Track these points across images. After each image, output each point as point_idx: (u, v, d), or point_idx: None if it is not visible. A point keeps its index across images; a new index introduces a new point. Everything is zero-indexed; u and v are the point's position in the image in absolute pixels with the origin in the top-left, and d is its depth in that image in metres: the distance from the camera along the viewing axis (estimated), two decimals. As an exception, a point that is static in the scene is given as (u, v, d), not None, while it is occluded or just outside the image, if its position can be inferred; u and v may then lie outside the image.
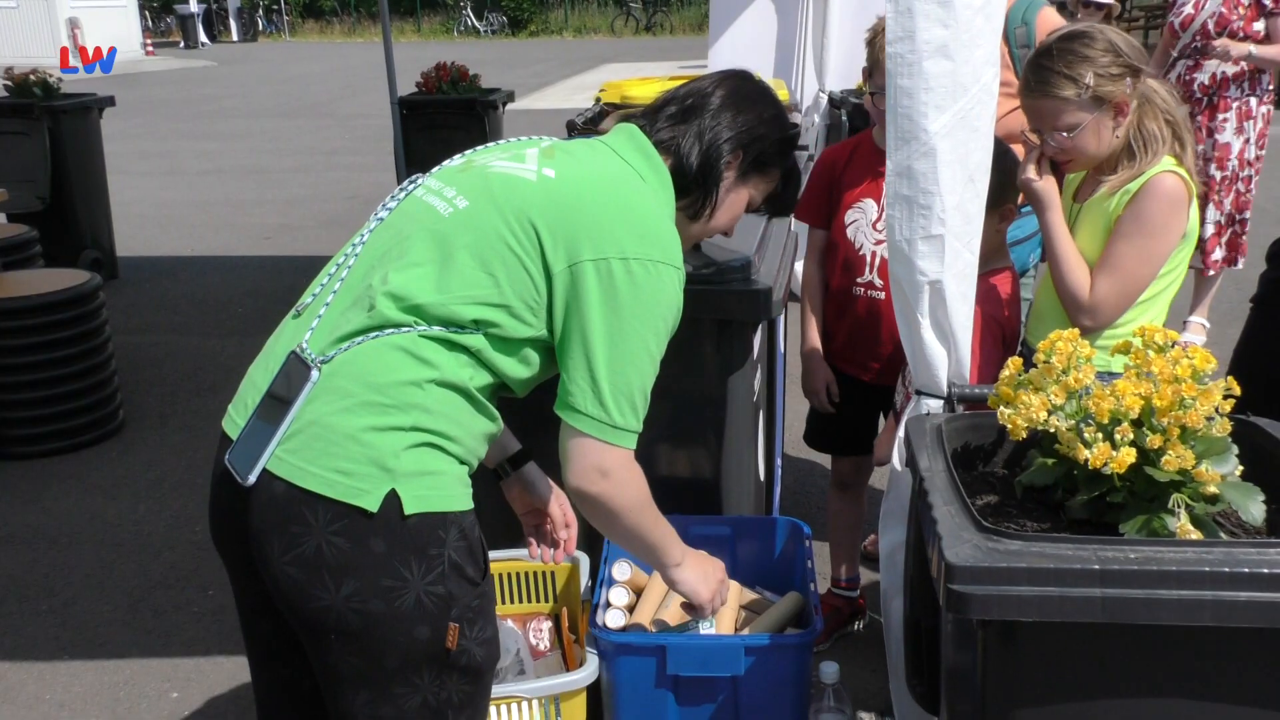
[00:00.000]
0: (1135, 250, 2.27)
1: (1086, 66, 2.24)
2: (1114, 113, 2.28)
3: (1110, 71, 2.24)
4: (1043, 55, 2.32)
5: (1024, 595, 1.44)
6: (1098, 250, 2.32)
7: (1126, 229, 2.27)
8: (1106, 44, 2.26)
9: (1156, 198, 2.25)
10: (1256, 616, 1.40)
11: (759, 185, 2.01)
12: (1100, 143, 2.30)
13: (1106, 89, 2.24)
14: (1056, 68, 2.27)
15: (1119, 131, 2.29)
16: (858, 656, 3.11)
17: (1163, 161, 2.28)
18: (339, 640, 1.65)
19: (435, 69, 7.57)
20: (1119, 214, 2.28)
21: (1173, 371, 1.58)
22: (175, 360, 5.85)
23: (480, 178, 1.81)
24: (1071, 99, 2.26)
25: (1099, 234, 2.32)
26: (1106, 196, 2.31)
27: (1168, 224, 2.27)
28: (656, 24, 31.78)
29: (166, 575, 3.73)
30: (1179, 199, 2.26)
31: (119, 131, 13.31)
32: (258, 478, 1.64)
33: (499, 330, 1.73)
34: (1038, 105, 2.33)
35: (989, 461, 1.92)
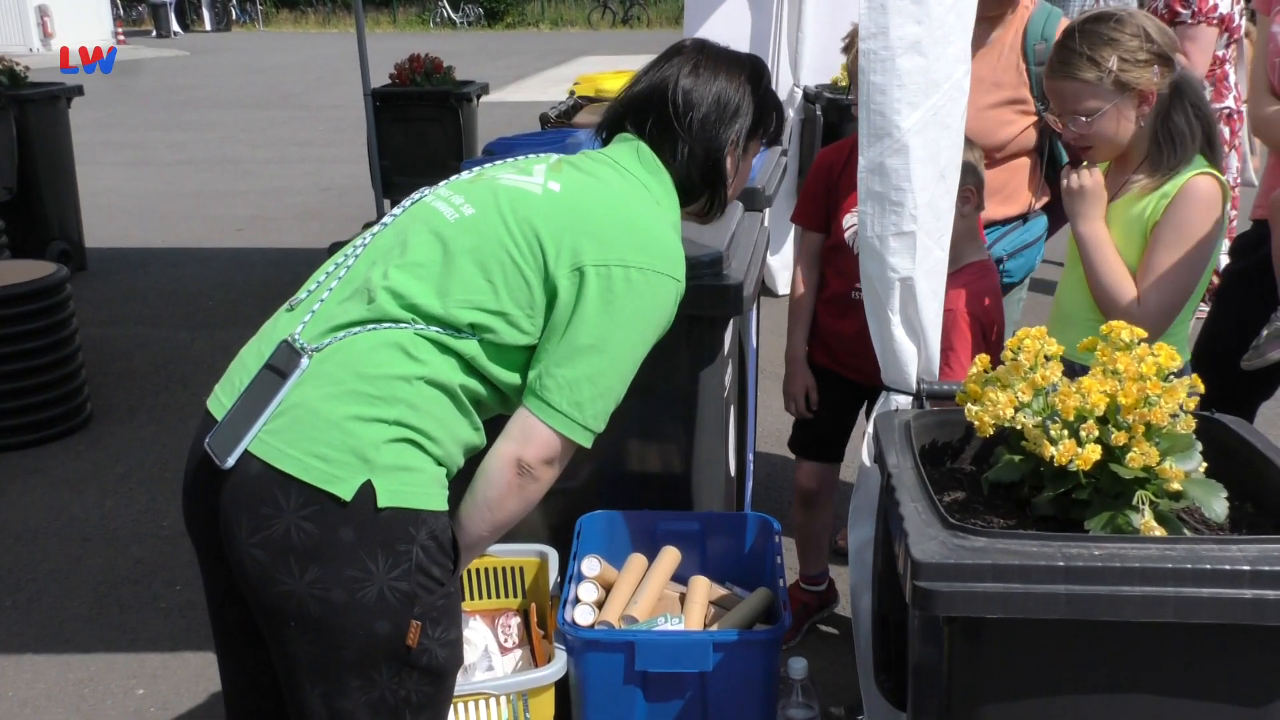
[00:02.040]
0: (1181, 258, 2.24)
1: (1111, 50, 2.22)
2: (1138, 101, 2.25)
3: (1137, 57, 2.21)
4: (1069, 36, 2.29)
5: (989, 592, 1.44)
6: (1133, 254, 2.29)
7: (1168, 238, 2.24)
8: (1136, 29, 2.24)
9: (1195, 204, 2.23)
10: (1218, 613, 1.41)
11: (754, 143, 2.07)
12: (1120, 131, 2.27)
13: (1131, 75, 2.22)
14: (1080, 49, 2.24)
15: (1142, 122, 2.27)
16: (827, 652, 3.12)
17: (1195, 163, 2.26)
18: (298, 628, 1.65)
19: (409, 61, 7.54)
20: (1155, 220, 2.26)
21: (1138, 369, 1.59)
22: (144, 353, 5.80)
23: (489, 189, 1.84)
24: (1092, 82, 2.24)
25: (1135, 238, 2.29)
26: (1138, 198, 2.29)
27: (1208, 230, 2.24)
28: (633, 17, 31.71)
29: (133, 570, 3.70)
30: (1216, 202, 2.24)
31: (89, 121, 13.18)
32: (236, 460, 1.64)
33: (494, 337, 1.74)
34: (1059, 86, 2.31)
35: (957, 458, 1.92)
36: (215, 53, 25.78)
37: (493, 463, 1.77)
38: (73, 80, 7.35)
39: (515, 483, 1.76)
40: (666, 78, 1.98)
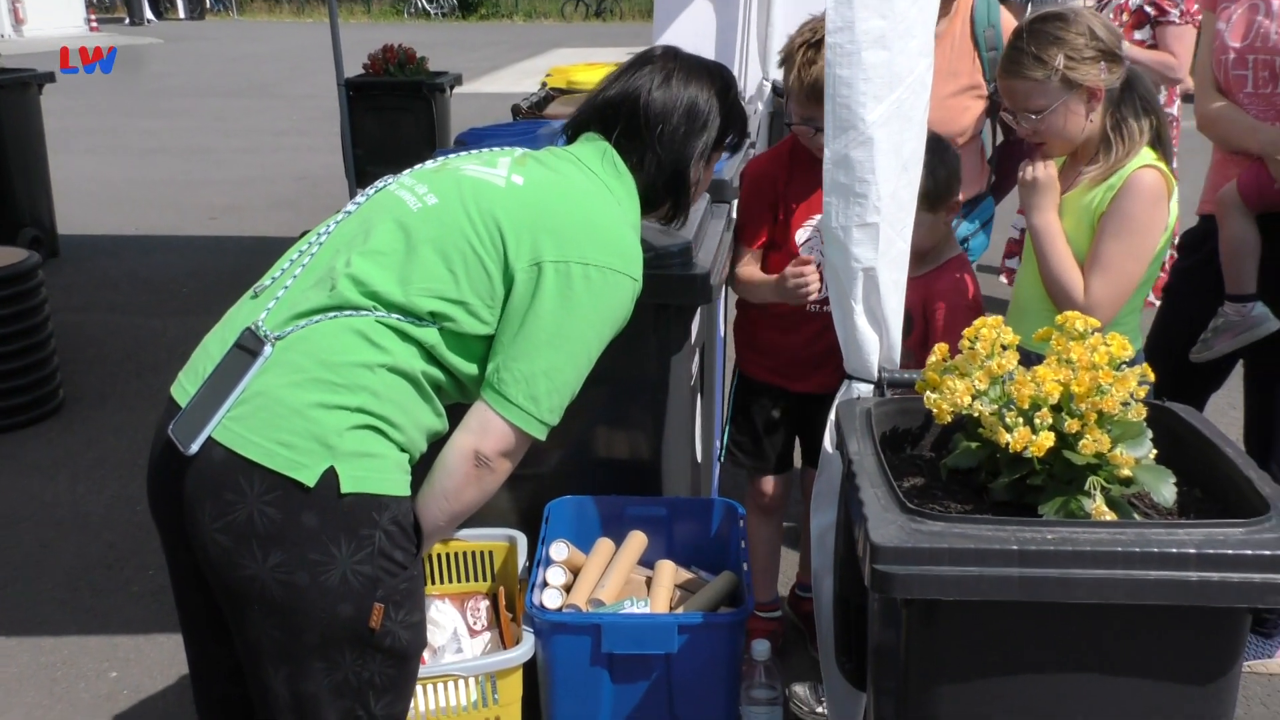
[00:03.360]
0: (1125, 249, 2.27)
1: (1058, 49, 2.24)
2: (1087, 97, 2.28)
3: (1083, 55, 2.24)
4: (1017, 36, 2.32)
5: (945, 575, 1.46)
6: (1082, 244, 2.32)
7: (1113, 227, 2.27)
8: (1082, 27, 2.26)
9: (1139, 195, 2.26)
10: (1166, 594, 1.43)
11: (718, 152, 2.10)
12: (1070, 126, 2.30)
13: (1077, 72, 2.24)
14: (1029, 48, 2.27)
15: (1093, 117, 2.29)
16: (789, 635, 3.15)
17: (1141, 155, 2.29)
18: (261, 611, 1.65)
19: (382, 51, 7.51)
20: (1103, 210, 2.29)
21: (1091, 359, 1.61)
22: (116, 339, 5.75)
23: (452, 179, 1.85)
24: (1041, 80, 2.27)
25: (1083, 229, 2.32)
26: (1087, 190, 2.32)
27: (1153, 220, 2.28)
28: (606, 10, 31.64)
29: (105, 555, 3.68)
30: (1160, 194, 2.27)
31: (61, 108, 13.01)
32: (200, 447, 1.63)
33: (453, 325, 1.75)
34: (1010, 85, 2.34)
35: (916, 445, 1.94)
36: (189, 40, 25.53)
37: (451, 454, 1.78)
38: (43, 68, 7.26)
39: (473, 474, 1.78)
40: (638, 87, 1.99)
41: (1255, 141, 2.74)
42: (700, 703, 2.16)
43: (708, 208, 2.77)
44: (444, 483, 1.80)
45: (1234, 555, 1.42)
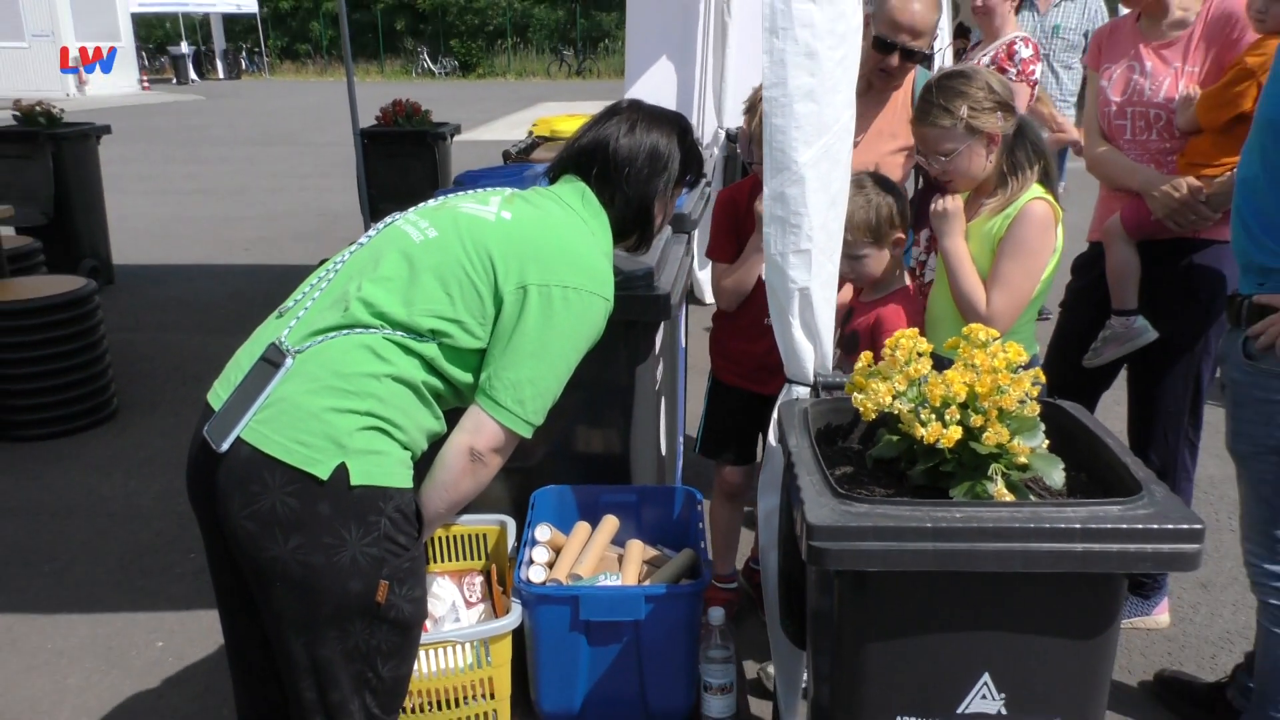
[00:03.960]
0: (1019, 268, 2.28)
1: (961, 101, 2.26)
2: (986, 141, 2.29)
3: (983, 106, 2.26)
4: (927, 90, 2.34)
5: (871, 549, 1.46)
6: (986, 264, 2.33)
7: (1009, 250, 2.28)
8: (981, 82, 2.29)
9: (1031, 222, 2.27)
10: (1055, 563, 1.43)
11: (678, 189, 2.10)
12: (974, 167, 2.31)
13: (978, 120, 2.26)
14: (937, 101, 2.29)
15: (991, 158, 2.31)
16: (744, 604, 3.14)
17: (1032, 189, 2.30)
18: (283, 587, 1.64)
19: (393, 105, 7.48)
20: (1001, 235, 2.29)
21: (991, 363, 1.61)
22: (164, 355, 5.69)
23: (450, 216, 1.84)
24: (948, 128, 2.28)
25: (985, 251, 2.33)
26: (988, 219, 2.33)
27: (1043, 243, 2.29)
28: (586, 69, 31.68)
29: (154, 541, 3.63)
30: (1049, 221, 2.29)
31: (117, 156, 12.92)
32: (230, 446, 1.62)
33: (451, 340, 1.74)
34: (922, 132, 2.35)
35: (847, 438, 1.94)
36: (227, 97, 25.38)
37: (449, 451, 1.78)
38: (101, 121, 7.20)
39: (468, 468, 1.77)
40: (608, 135, 2.00)
41: (1135, 181, 2.75)
42: (665, 661, 2.15)
43: (669, 238, 2.77)
44: (443, 476, 1.79)
45: (1112, 529, 1.42)
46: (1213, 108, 2.56)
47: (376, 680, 1.73)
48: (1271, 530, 2.13)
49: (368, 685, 1.73)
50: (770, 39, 1.82)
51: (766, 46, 1.82)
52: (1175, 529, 1.42)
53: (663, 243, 2.64)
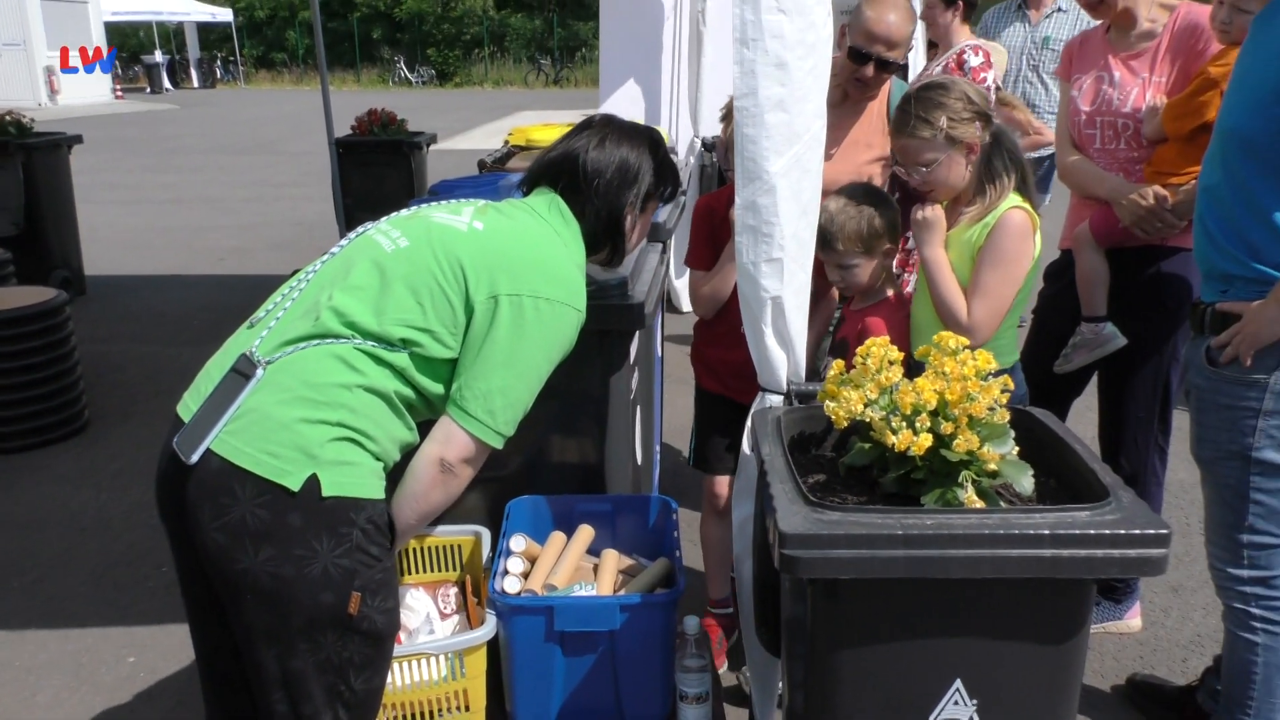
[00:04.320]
0: (999, 276, 2.29)
1: (941, 112, 2.28)
2: (966, 151, 2.31)
3: (961, 116, 2.28)
4: (906, 102, 2.35)
5: (842, 557, 1.46)
6: (964, 272, 2.35)
7: (989, 258, 2.30)
8: (960, 93, 2.30)
9: (1009, 231, 2.29)
10: (1024, 569, 1.44)
11: (652, 203, 2.09)
12: (953, 176, 2.33)
13: (958, 131, 2.28)
14: (916, 112, 2.31)
15: (970, 167, 2.33)
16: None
17: (1010, 198, 2.32)
18: (254, 599, 1.63)
19: (368, 114, 7.46)
20: (980, 244, 2.31)
21: (961, 371, 1.63)
22: (137, 366, 5.65)
23: (423, 225, 1.84)
24: (928, 139, 2.30)
25: (965, 260, 2.35)
26: (967, 228, 2.34)
27: (1022, 251, 2.31)
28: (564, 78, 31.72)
29: (126, 554, 3.60)
30: (1027, 230, 2.30)
31: (89, 166, 12.81)
32: (200, 457, 1.61)
33: (422, 350, 1.73)
34: (902, 144, 2.36)
35: (820, 446, 1.95)
36: (202, 106, 25.24)
37: (420, 462, 1.77)
38: (74, 130, 7.15)
39: (439, 479, 1.77)
40: (578, 148, 2.00)
41: (1103, 189, 2.79)
42: (640, 671, 2.15)
43: (643, 247, 2.77)
44: (414, 486, 1.78)
45: (1080, 534, 1.43)
46: (1178, 117, 2.59)
47: (349, 693, 1.72)
48: (1235, 534, 2.15)
49: (340, 698, 1.72)
50: (740, 49, 1.83)
51: (737, 57, 1.83)
52: (1142, 534, 1.44)
53: (637, 252, 2.64)
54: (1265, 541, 2.13)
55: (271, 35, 36.17)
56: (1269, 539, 2.12)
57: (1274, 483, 2.08)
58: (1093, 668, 2.90)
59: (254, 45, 36.24)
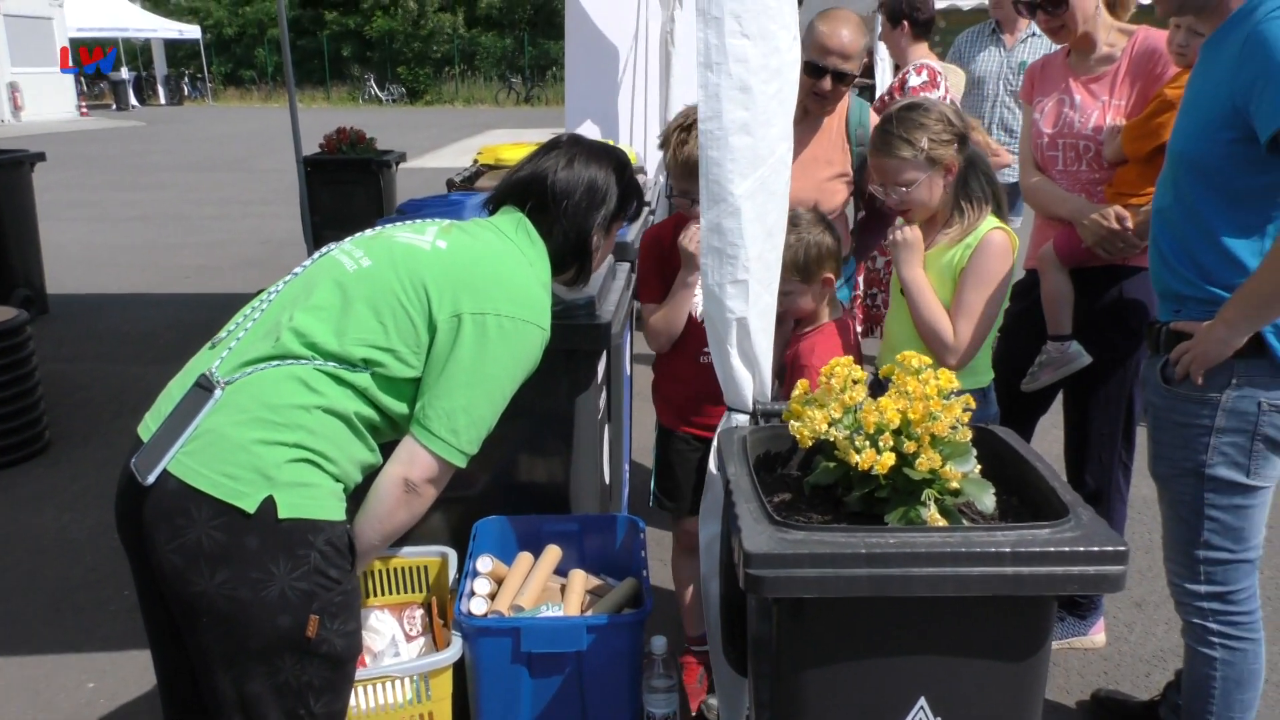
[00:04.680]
0: (983, 296, 2.31)
1: (921, 133, 2.30)
2: (944, 172, 2.33)
3: (941, 138, 2.30)
4: (887, 121, 2.36)
5: (807, 576, 1.47)
6: (944, 293, 2.36)
7: (972, 279, 2.31)
8: (939, 114, 2.33)
9: (992, 253, 2.31)
10: (986, 587, 1.46)
11: (617, 224, 2.11)
12: (932, 196, 2.35)
13: (938, 152, 2.30)
14: (897, 132, 2.32)
15: (947, 188, 2.35)
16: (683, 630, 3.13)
17: (988, 219, 2.35)
18: (210, 622, 1.62)
19: (336, 133, 7.45)
20: (961, 266, 2.32)
21: (923, 390, 1.65)
22: (100, 385, 5.58)
23: (385, 244, 1.84)
24: (908, 159, 2.31)
25: (945, 282, 2.36)
26: (947, 249, 2.36)
27: (1003, 271, 2.33)
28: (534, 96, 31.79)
29: (87, 577, 3.55)
30: (1008, 250, 2.33)
31: (53, 183, 12.69)
32: (156, 478, 1.60)
33: (384, 370, 1.73)
34: (881, 163, 2.37)
35: (785, 465, 1.96)
36: (169, 123, 25.06)
37: (383, 482, 1.77)
38: (37, 148, 7.08)
39: (403, 499, 1.77)
40: (546, 168, 2.01)
41: (1066, 210, 2.83)
42: (607, 692, 2.15)
43: (610, 267, 2.78)
44: (377, 507, 1.78)
45: (1040, 552, 1.45)
46: (1136, 138, 2.64)
47: (309, 717, 1.70)
48: (1191, 550, 2.18)
49: (300, 722, 1.70)
50: (705, 73, 1.84)
51: (701, 80, 1.85)
52: (1100, 551, 1.46)
53: (603, 273, 2.65)
54: (1221, 557, 2.16)
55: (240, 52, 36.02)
56: (1224, 554, 2.16)
57: (1228, 499, 2.12)
58: (1057, 683, 2.93)
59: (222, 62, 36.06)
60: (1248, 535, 2.14)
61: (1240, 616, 2.19)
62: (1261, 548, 2.18)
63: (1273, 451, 2.08)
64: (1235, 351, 2.02)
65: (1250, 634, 2.20)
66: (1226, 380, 2.05)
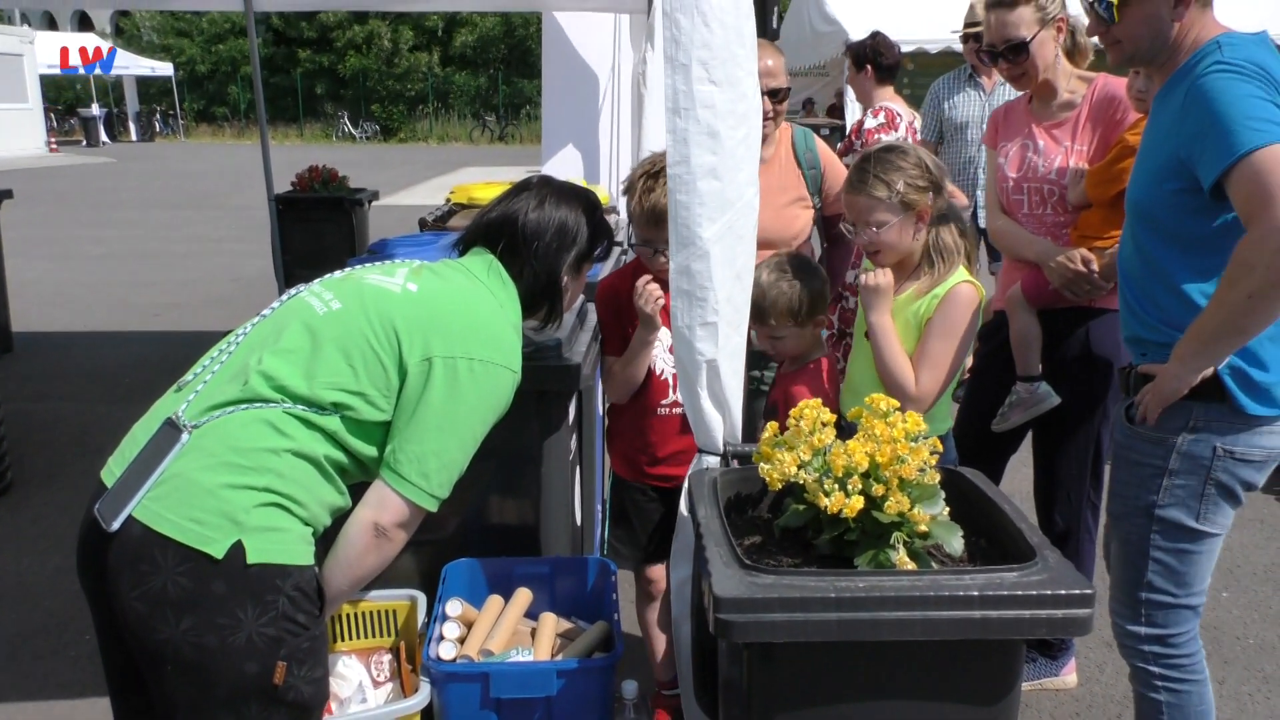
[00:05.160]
0: (948, 348, 2.32)
1: (899, 175, 2.30)
2: (916, 218, 2.33)
3: (918, 184, 2.30)
4: (865, 160, 2.36)
5: (776, 621, 1.48)
6: (909, 341, 2.36)
7: (939, 330, 2.32)
8: (917, 159, 2.33)
9: (959, 305, 2.31)
10: (955, 630, 1.47)
11: (587, 264, 2.12)
12: (902, 241, 2.34)
13: (912, 197, 2.30)
14: (874, 171, 2.32)
15: (919, 235, 2.34)
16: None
17: (958, 272, 2.35)
18: (175, 670, 1.59)
19: (309, 170, 7.45)
20: (929, 316, 2.32)
21: (891, 434, 1.66)
22: (65, 425, 5.51)
23: (355, 287, 1.84)
24: (883, 200, 2.31)
25: (910, 330, 2.36)
26: (915, 298, 2.36)
27: (969, 324, 2.33)
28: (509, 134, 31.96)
29: (46, 622, 3.48)
30: (974, 303, 2.33)
31: (20, 219, 12.57)
32: (121, 524, 1.58)
33: (354, 414, 1.73)
34: (855, 201, 2.37)
35: (756, 507, 1.96)
36: (140, 160, 24.95)
37: (353, 527, 1.75)
38: (4, 184, 7.02)
39: (373, 544, 1.75)
40: (516, 210, 2.02)
41: (1032, 252, 2.87)
42: (578, 738, 2.12)
43: (580, 308, 2.79)
44: (347, 552, 1.76)
45: (1009, 595, 1.46)
46: (1099, 183, 2.69)
47: (276, 765, 1.68)
48: (1135, 591, 2.19)
49: (267, 770, 1.67)
50: (673, 118, 1.87)
51: (670, 126, 1.87)
52: (1068, 594, 1.47)
53: (573, 316, 2.66)
54: (1162, 600, 2.17)
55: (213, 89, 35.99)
56: (1166, 598, 2.16)
57: (1174, 542, 2.13)
58: (1031, 725, 2.93)
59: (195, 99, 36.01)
60: (1191, 581, 2.15)
61: (1181, 659, 2.19)
62: (1205, 595, 2.19)
63: (1224, 498, 2.10)
64: (1195, 394, 2.05)
65: (1192, 675, 2.20)
66: (1184, 423, 2.08)
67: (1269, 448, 2.07)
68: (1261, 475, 2.11)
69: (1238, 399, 2.03)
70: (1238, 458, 2.06)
